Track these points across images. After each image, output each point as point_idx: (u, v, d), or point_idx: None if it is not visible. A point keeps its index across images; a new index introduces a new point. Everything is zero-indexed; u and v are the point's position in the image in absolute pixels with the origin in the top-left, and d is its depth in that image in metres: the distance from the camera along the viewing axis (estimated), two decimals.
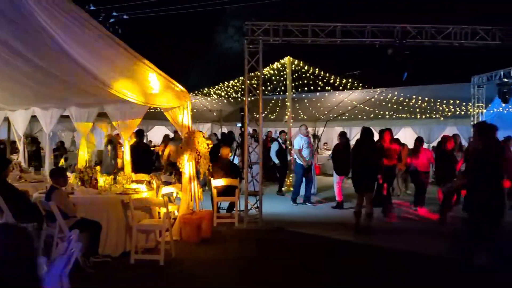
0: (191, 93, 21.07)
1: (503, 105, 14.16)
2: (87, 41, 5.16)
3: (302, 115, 19.08)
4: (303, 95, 20.14)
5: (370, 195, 8.19)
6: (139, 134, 10.31)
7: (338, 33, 9.17)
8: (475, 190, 5.78)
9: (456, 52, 11.72)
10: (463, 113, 15.33)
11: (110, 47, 5.64)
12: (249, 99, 9.09)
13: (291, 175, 13.06)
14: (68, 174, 7.52)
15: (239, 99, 20.91)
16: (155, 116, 13.99)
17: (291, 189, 11.93)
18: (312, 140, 11.49)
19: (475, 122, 14.08)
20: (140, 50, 6.21)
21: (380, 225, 8.69)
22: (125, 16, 13.32)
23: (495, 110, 15.22)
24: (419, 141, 10.92)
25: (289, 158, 13.27)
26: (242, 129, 9.47)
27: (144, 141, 12.39)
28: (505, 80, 13.00)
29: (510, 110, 15.66)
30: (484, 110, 14.82)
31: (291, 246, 7.37)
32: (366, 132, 8.20)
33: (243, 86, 10.17)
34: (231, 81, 19.93)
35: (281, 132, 13.86)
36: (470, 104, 14.80)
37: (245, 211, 8.86)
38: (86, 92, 7.19)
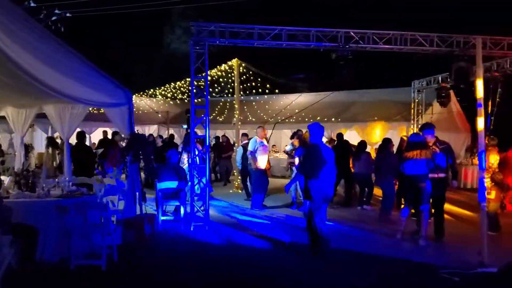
0: (137, 94, 20.81)
1: (442, 108, 14.84)
2: (24, 38, 4.94)
3: (250, 118, 19.16)
4: (252, 98, 20.24)
5: None
6: (80, 136, 9.97)
7: (284, 37, 9.29)
8: None
9: (398, 57, 12.15)
10: (404, 116, 15.90)
11: (48, 44, 5.44)
12: (196, 100, 9.03)
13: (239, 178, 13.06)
14: (5, 177, 7.18)
15: (186, 100, 20.73)
16: (98, 117, 13.61)
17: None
18: (266, 142, 11.37)
19: (416, 125, 14.71)
20: (83, 50, 6.03)
21: None
22: (68, 14, 12.83)
23: (435, 113, 15.93)
24: (362, 144, 11.27)
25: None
26: (188, 131, 9.38)
27: (87, 143, 12.00)
28: (443, 84, 13.64)
29: (449, 114, 16.45)
30: (424, 114, 15.48)
31: (236, 247, 7.36)
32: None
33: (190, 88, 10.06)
34: (178, 82, 19.70)
35: (243, 135, 13.37)
36: (411, 107, 15.42)
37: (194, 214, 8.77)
38: (23, 92, 6.87)
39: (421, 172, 7.41)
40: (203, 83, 9.15)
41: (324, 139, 10.93)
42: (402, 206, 8.90)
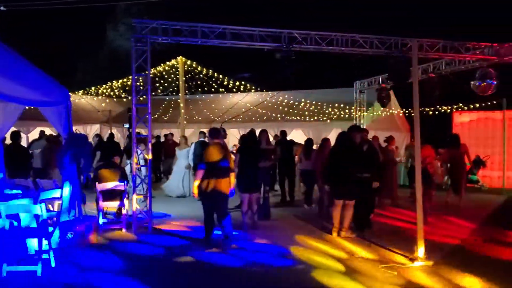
0: (77, 92, 20.08)
1: (382, 108, 15.37)
2: None
3: (196, 117, 19.00)
4: (197, 96, 20.08)
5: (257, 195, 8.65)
6: (15, 135, 9.49)
7: (228, 36, 9.25)
8: None
9: (342, 58, 12.45)
10: (347, 116, 16.33)
11: None
12: (141, 98, 8.83)
13: None
14: None
15: (129, 98, 20.24)
16: (37, 116, 12.99)
17: None
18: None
19: (357, 124, 15.11)
20: (20, 46, 5.73)
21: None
22: (2, 8, 12.15)
23: (375, 113, 16.48)
24: (309, 142, 11.43)
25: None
26: (130, 131, 9.15)
27: (23, 143, 11.43)
28: (383, 85, 14.12)
29: (388, 113, 17.06)
30: (365, 113, 15.97)
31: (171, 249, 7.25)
32: (251, 135, 8.74)
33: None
34: (120, 80, 19.19)
35: (200, 132, 12.96)
36: (353, 107, 15.86)
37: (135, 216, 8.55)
38: None
39: None
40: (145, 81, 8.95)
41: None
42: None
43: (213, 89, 18.55)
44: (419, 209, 6.63)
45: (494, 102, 14.34)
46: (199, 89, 18.49)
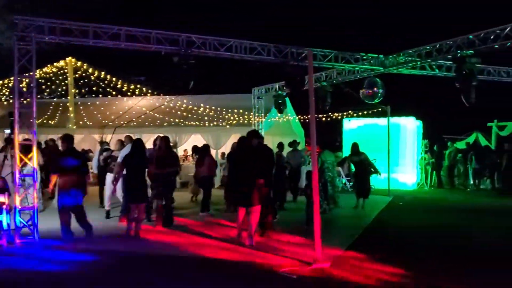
0: None
1: (279, 114, 15.78)
2: None
3: (87, 121, 17.97)
4: (88, 100, 18.99)
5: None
6: None
7: (122, 37, 8.83)
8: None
9: (241, 65, 12.51)
10: (246, 121, 16.50)
11: None
12: (22, 102, 8.05)
13: None
14: None
15: (9, 101, 18.55)
16: None
17: None
18: None
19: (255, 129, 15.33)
20: None
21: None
22: None
23: (273, 119, 16.88)
24: (204, 148, 11.32)
25: None
26: (12, 136, 8.31)
27: None
28: (280, 92, 14.50)
29: (285, 119, 17.59)
30: (263, 119, 16.28)
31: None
32: (137, 144, 8.44)
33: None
34: (0, 82, 17.50)
35: (126, 136, 12.09)
36: (252, 113, 16.08)
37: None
38: None
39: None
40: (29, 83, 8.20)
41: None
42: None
43: (106, 93, 17.66)
44: (316, 212, 6.82)
45: (380, 109, 15.43)
46: (93, 94, 17.47)
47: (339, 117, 17.75)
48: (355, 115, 17.29)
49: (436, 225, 9.90)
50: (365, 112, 16.03)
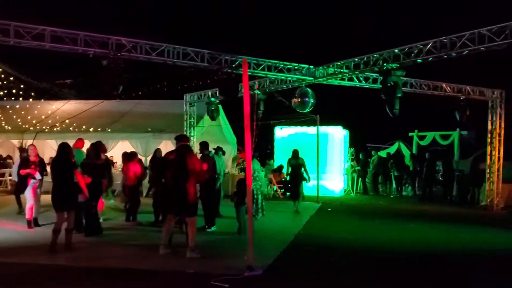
0: None
1: (212, 122, 15.67)
2: None
3: (5, 125, 16.83)
4: (7, 103, 17.81)
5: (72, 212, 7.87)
6: None
7: (47, 38, 8.36)
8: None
9: (174, 70, 12.28)
10: (177, 128, 16.17)
11: None
12: None
13: None
14: None
15: None
16: None
17: None
18: None
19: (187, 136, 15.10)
20: None
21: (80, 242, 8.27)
22: None
23: (205, 126, 16.73)
24: (130, 156, 11.01)
25: None
26: None
27: None
28: (213, 99, 14.41)
29: (217, 126, 17.50)
30: (196, 126, 16.09)
31: None
32: (62, 148, 7.89)
33: None
34: None
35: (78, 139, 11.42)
36: (184, 119, 15.83)
37: None
38: None
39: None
40: None
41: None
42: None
43: (27, 95, 16.61)
44: (250, 220, 6.81)
45: (310, 118, 15.80)
46: (13, 97, 16.36)
47: (271, 125, 17.96)
48: (286, 123, 17.57)
49: (358, 232, 10.30)
50: (296, 120, 16.35)
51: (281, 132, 18.46)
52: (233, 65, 10.22)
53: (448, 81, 13.20)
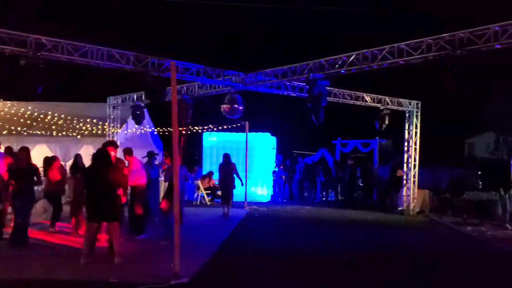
0: None
1: (136, 126, 15.24)
2: None
3: None
4: None
5: None
6: None
7: None
8: None
9: (96, 71, 11.84)
10: (99, 132, 15.58)
11: None
12: None
13: None
14: None
15: None
16: None
17: None
18: None
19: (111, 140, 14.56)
20: None
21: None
22: None
23: (130, 130, 16.23)
24: (49, 161, 10.41)
25: None
26: None
27: None
28: (138, 103, 14.02)
29: (143, 131, 17.05)
30: (119, 130, 15.55)
31: None
32: None
33: None
34: None
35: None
36: (107, 123, 15.24)
37: None
38: None
39: None
40: None
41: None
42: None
43: None
44: (176, 226, 6.67)
45: (239, 124, 15.88)
46: None
47: (199, 131, 17.82)
48: (215, 129, 17.53)
49: (285, 236, 10.54)
50: (225, 126, 16.37)
51: (210, 138, 18.37)
52: (160, 69, 10.03)
53: (369, 91, 13.85)
